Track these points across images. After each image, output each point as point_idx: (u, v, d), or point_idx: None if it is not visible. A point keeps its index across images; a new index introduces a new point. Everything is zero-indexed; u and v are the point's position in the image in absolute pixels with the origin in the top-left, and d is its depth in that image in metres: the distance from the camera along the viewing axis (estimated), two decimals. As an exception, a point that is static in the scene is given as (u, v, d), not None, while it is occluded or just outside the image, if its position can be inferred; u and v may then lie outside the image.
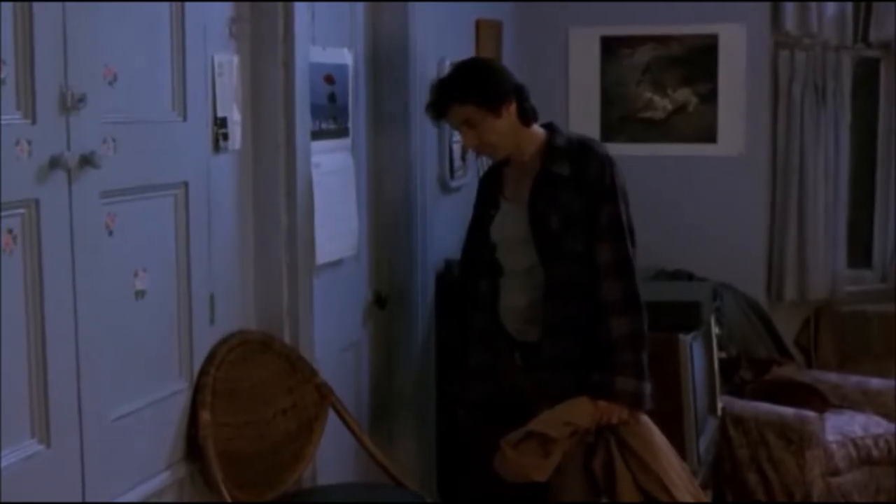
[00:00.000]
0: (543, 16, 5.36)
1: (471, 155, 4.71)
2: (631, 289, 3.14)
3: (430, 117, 3.30)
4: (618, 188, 3.16)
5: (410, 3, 4.01)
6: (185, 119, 2.83)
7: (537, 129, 3.26)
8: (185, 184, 2.85)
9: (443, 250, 4.40)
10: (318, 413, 3.24)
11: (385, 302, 4.11)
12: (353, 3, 3.86)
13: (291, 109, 3.16)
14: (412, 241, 4.14)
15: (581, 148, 3.21)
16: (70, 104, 2.38)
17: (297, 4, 3.14)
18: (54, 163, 2.34)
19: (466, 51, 4.65)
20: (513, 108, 3.18)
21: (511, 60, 5.17)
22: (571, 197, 3.13)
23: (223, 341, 3.02)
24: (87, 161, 2.42)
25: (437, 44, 4.26)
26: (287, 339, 3.24)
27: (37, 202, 2.32)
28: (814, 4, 5.15)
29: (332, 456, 3.47)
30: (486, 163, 4.87)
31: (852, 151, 5.39)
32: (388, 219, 4.12)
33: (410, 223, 4.13)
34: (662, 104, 5.27)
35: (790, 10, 5.15)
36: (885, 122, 5.44)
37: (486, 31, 4.83)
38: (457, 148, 4.52)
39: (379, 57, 4.04)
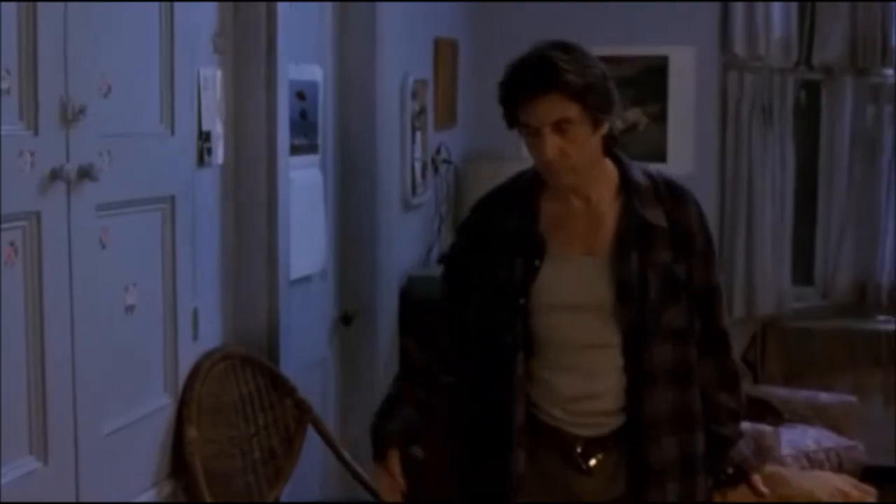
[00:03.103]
0: (497, 35, 5.40)
1: (429, 172, 4.73)
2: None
3: (506, 107, 2.36)
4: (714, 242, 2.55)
5: (378, 21, 4.03)
6: (172, 133, 2.81)
7: (608, 161, 2.45)
8: (172, 198, 2.83)
9: (404, 267, 4.43)
10: (297, 429, 3.23)
11: (351, 318, 4.11)
12: (322, 20, 3.87)
13: (273, 124, 3.16)
14: (377, 257, 4.15)
15: (672, 191, 2.46)
16: (70, 116, 2.35)
17: (280, 20, 3.13)
18: (55, 175, 2.32)
19: (426, 69, 4.68)
20: (605, 128, 2.36)
21: (465, 78, 5.22)
22: (671, 256, 2.42)
23: (206, 356, 2.99)
24: (85, 174, 2.39)
25: (400, 61, 4.29)
26: (266, 355, 3.22)
27: (38, 215, 2.29)
28: (762, 28, 5.27)
29: (307, 472, 3.46)
30: (446, 178, 4.93)
31: (795, 171, 5.51)
32: (354, 235, 4.13)
33: (375, 240, 4.14)
34: (615, 123, 5.34)
35: (739, 33, 5.27)
36: (826, 143, 5.57)
37: (444, 49, 4.86)
38: (417, 165, 4.54)
39: (345, 74, 4.05)
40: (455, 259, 2.59)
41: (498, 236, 2.46)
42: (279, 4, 3.12)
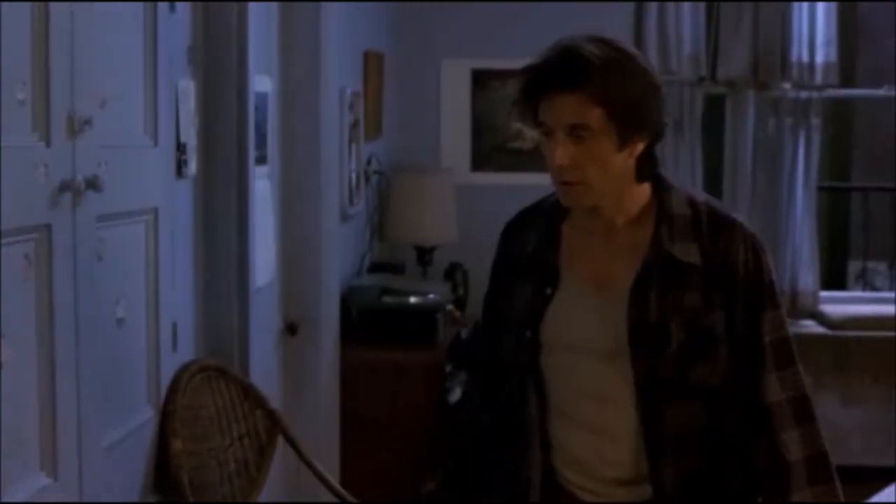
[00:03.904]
0: (418, 47, 5.49)
1: (362, 182, 4.77)
2: (819, 443, 2.05)
3: (525, 99, 2.05)
4: (776, 286, 2.08)
5: (322, 34, 4.06)
6: (156, 144, 2.81)
7: (643, 184, 2.10)
8: (156, 209, 2.82)
9: (342, 277, 4.46)
10: (269, 439, 3.24)
11: (296, 329, 4.12)
12: (269, 31, 3.88)
13: (244, 136, 3.17)
14: (321, 267, 4.17)
15: (715, 224, 2.06)
16: (77, 127, 2.34)
17: (250, 32, 3.15)
18: (64, 187, 2.30)
19: (357, 81, 4.72)
20: (638, 149, 2.04)
21: (389, 90, 5.28)
22: (702, 301, 2.02)
23: (184, 368, 2.98)
24: (91, 185, 2.38)
25: (339, 74, 4.32)
26: (237, 366, 3.23)
27: (49, 227, 2.27)
28: (673, 44, 5.48)
29: (275, 482, 3.47)
30: (377, 188, 4.96)
31: (703, 182, 5.74)
32: (298, 246, 4.14)
33: (319, 250, 4.16)
34: (531, 135, 5.47)
35: (652, 49, 5.46)
36: (731, 154, 5.81)
37: (373, 61, 4.91)
38: (353, 176, 4.58)
39: (289, 85, 4.07)
40: (488, 290, 2.29)
41: (516, 261, 2.19)
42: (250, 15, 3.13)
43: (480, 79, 5.53)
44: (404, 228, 5.10)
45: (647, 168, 2.08)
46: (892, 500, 4.03)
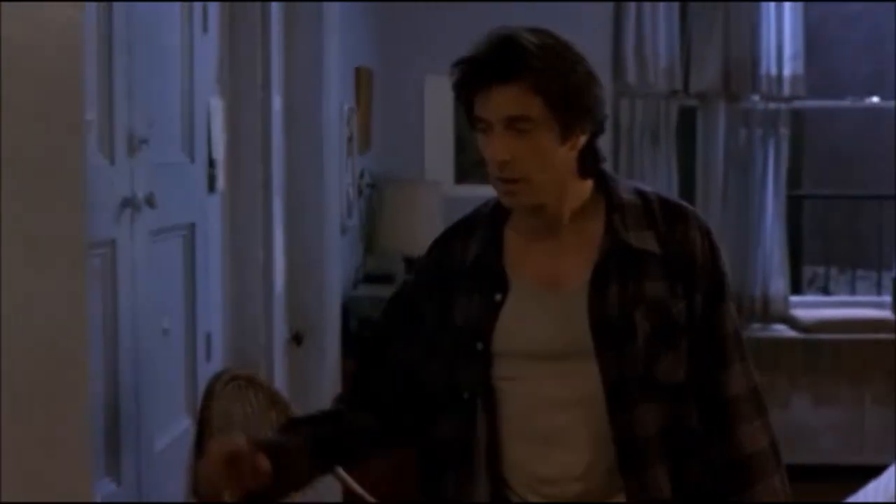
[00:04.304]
0: (402, 63, 5.61)
1: (355, 195, 4.88)
2: (773, 432, 2.02)
3: (459, 95, 1.94)
4: (728, 278, 2.03)
5: (326, 51, 4.16)
6: (192, 161, 2.91)
7: (586, 180, 2.01)
8: (193, 224, 2.92)
9: (341, 288, 4.58)
10: (294, 445, 3.33)
11: (301, 339, 4.21)
12: (275, 49, 3.98)
13: (268, 151, 3.27)
14: (323, 279, 4.27)
15: (669, 211, 1.99)
16: (135, 145, 2.44)
17: (273, 53, 3.26)
18: (126, 203, 2.40)
19: (350, 97, 4.84)
20: (580, 142, 1.93)
21: (375, 105, 5.39)
22: (666, 290, 1.94)
23: (216, 378, 3.07)
24: (148, 201, 2.48)
25: (338, 90, 4.43)
26: (263, 374, 3.33)
27: (114, 242, 2.37)
28: (650, 58, 5.66)
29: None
30: (369, 201, 5.06)
31: (678, 191, 5.92)
32: (300, 258, 4.24)
33: (322, 262, 4.26)
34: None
35: (630, 63, 5.63)
36: (703, 164, 6.00)
37: (363, 77, 5.03)
38: (350, 189, 4.69)
39: (293, 101, 4.17)
40: (404, 299, 2.15)
41: (455, 271, 2.02)
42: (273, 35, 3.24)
43: (463, 93, 5.65)
44: (395, 240, 5.21)
45: (590, 163, 1.99)
46: (875, 499, 4.20)
